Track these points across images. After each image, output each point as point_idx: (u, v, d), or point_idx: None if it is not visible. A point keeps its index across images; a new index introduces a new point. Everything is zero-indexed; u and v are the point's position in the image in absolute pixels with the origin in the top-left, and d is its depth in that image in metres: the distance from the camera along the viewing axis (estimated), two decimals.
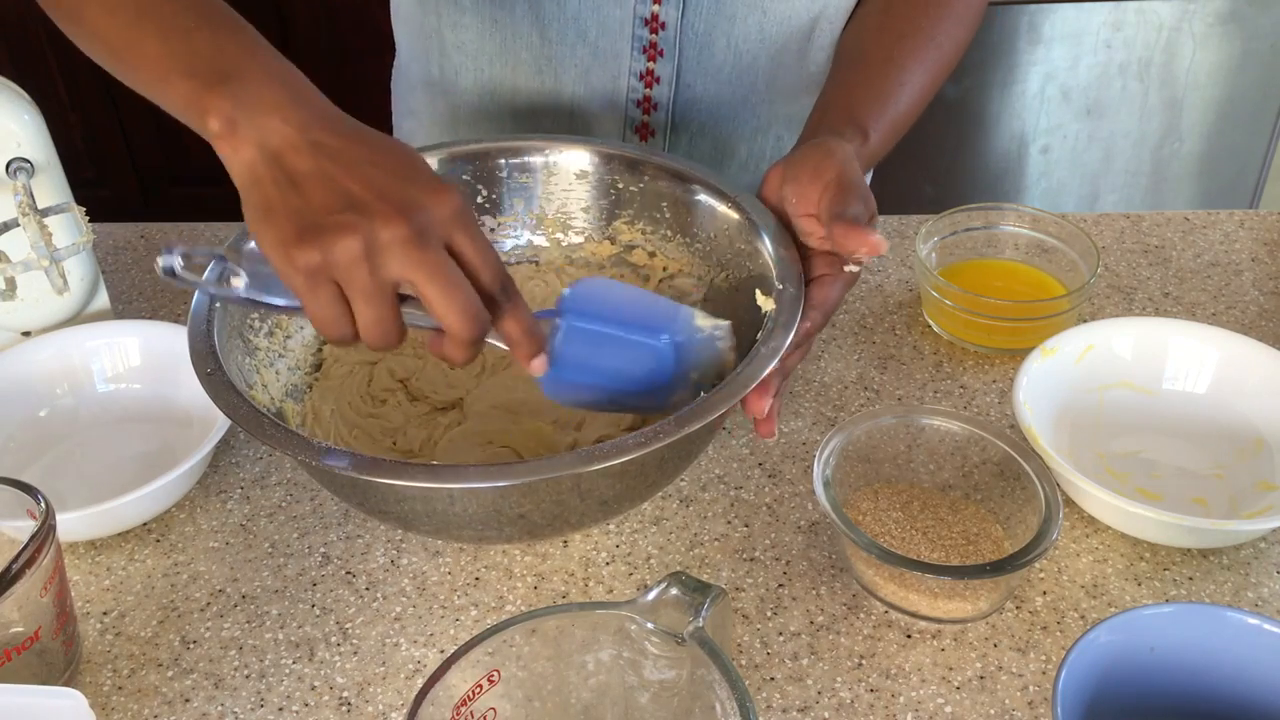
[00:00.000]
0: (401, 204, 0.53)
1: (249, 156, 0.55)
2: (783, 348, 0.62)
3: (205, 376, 0.62)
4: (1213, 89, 1.84)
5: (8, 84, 0.80)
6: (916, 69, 0.78)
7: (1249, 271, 0.92)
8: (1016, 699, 0.61)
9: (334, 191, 0.53)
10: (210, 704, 0.62)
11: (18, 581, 0.57)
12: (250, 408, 0.60)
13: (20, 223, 0.76)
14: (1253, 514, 0.69)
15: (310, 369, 0.75)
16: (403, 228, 0.52)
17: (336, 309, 0.54)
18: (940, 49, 0.80)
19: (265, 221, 0.54)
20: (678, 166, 0.76)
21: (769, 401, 0.63)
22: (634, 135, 0.90)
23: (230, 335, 0.67)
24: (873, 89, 0.76)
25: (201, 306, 0.66)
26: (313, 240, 0.52)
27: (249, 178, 0.55)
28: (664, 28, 0.84)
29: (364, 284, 0.53)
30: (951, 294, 0.83)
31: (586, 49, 0.85)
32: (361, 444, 0.70)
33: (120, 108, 2.14)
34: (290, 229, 0.53)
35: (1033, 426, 0.70)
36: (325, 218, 0.52)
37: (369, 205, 0.53)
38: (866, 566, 0.65)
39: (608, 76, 0.86)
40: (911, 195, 1.90)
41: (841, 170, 0.67)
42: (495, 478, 0.57)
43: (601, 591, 0.68)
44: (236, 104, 0.55)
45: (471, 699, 0.51)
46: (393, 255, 0.52)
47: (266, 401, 0.69)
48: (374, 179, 0.54)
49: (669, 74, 0.86)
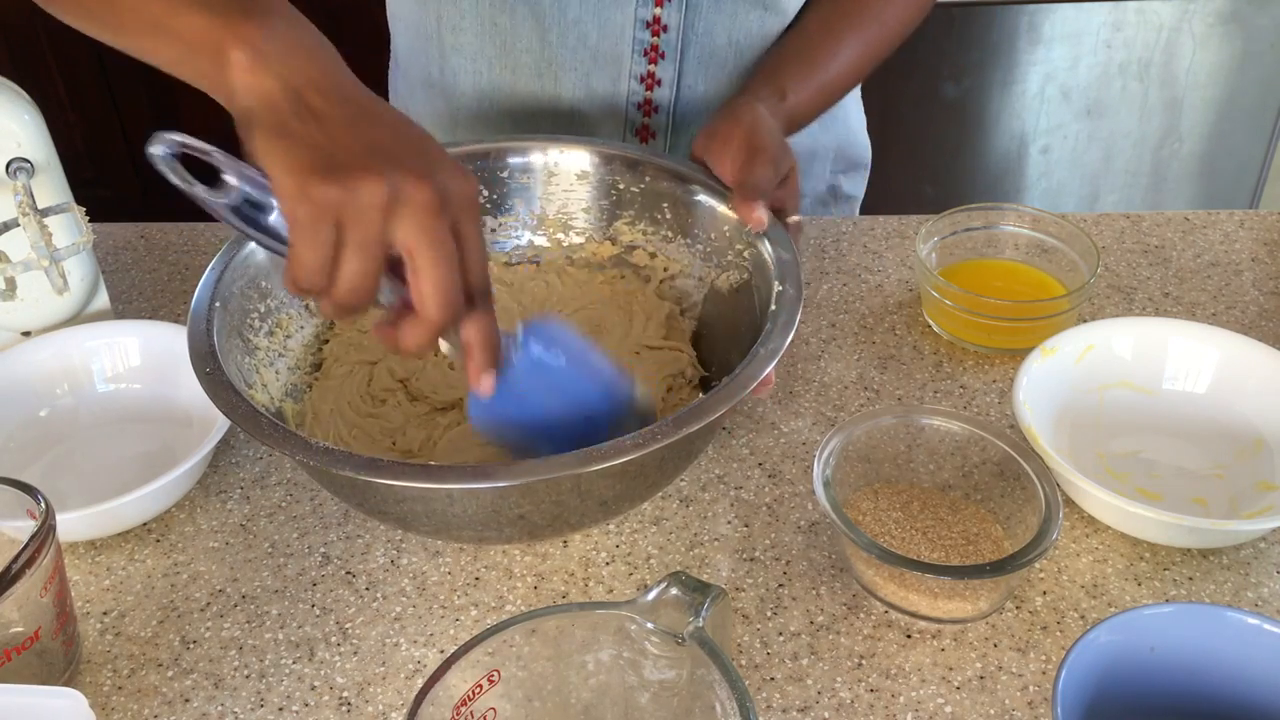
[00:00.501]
0: (427, 168, 0.52)
1: (268, 85, 0.52)
2: (781, 349, 0.62)
3: (204, 376, 0.62)
4: (1213, 89, 1.84)
5: (8, 84, 0.80)
6: (852, 39, 0.81)
7: (1249, 271, 0.92)
8: (1016, 699, 0.61)
9: (359, 137, 0.52)
10: (210, 704, 0.62)
11: (18, 581, 0.57)
12: (249, 407, 0.60)
13: (20, 223, 0.76)
14: (1253, 514, 0.69)
15: (310, 369, 0.75)
16: (427, 191, 0.51)
17: (325, 252, 0.51)
18: (884, 25, 0.83)
19: (280, 142, 0.51)
20: (678, 168, 0.76)
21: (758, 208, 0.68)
22: (634, 137, 0.90)
23: (230, 335, 0.67)
24: (801, 55, 0.80)
25: (201, 306, 0.66)
26: (336, 176, 0.50)
27: (264, 104, 0.52)
28: (665, 30, 0.84)
29: (367, 234, 0.51)
30: (951, 294, 0.83)
31: (587, 52, 0.85)
32: (360, 444, 0.70)
33: (120, 108, 2.14)
34: (310, 158, 0.51)
35: (1033, 426, 0.70)
36: (351, 158, 0.51)
37: (398, 159, 0.51)
38: (866, 566, 0.65)
39: (608, 79, 0.86)
40: (911, 195, 1.90)
41: (748, 135, 0.70)
42: (494, 478, 0.57)
43: (601, 591, 0.68)
44: (267, 36, 0.53)
45: (471, 699, 0.51)
46: (408, 215, 0.51)
47: (266, 401, 0.69)
48: (399, 138, 0.53)
49: (670, 76, 0.86)
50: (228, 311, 0.67)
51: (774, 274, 0.67)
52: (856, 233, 0.97)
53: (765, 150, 0.69)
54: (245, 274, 0.70)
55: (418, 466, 0.59)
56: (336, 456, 0.57)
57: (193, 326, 0.65)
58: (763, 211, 0.68)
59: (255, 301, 0.71)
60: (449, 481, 0.57)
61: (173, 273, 0.95)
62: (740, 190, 0.69)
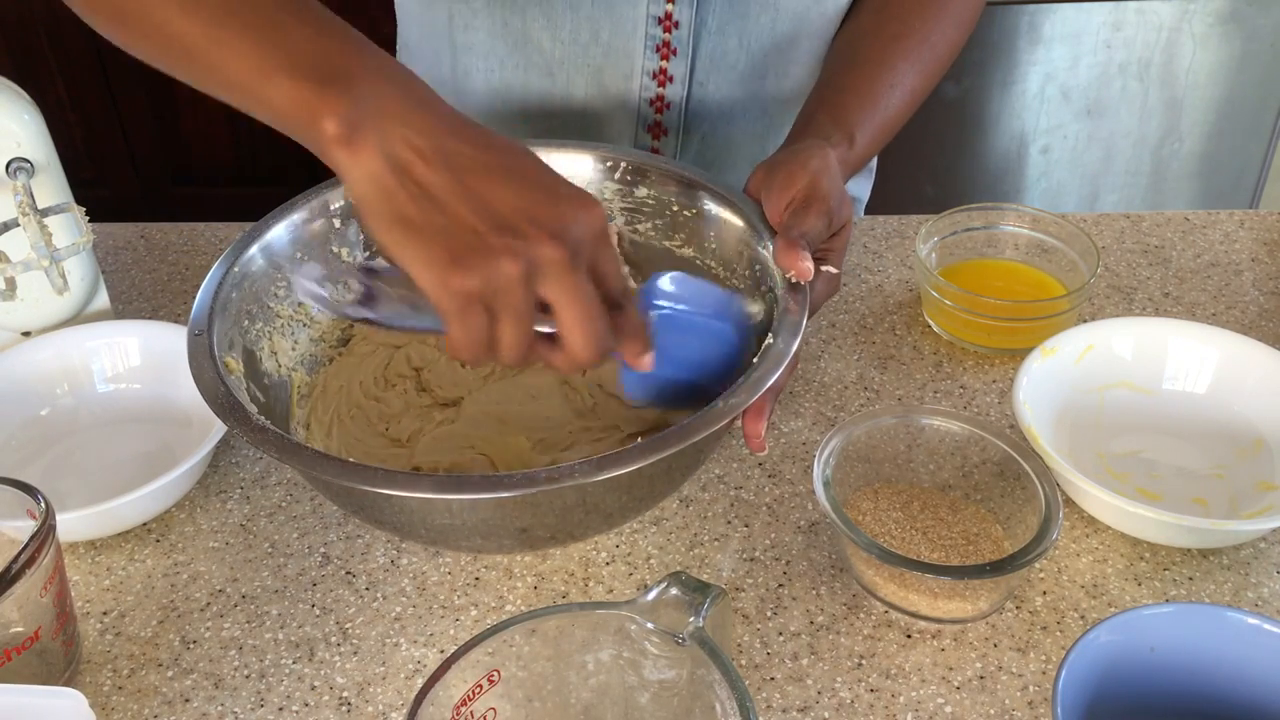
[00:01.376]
0: (554, 225, 0.52)
1: (374, 167, 0.52)
2: (790, 352, 0.62)
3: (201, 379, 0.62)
4: (1213, 89, 1.84)
5: (8, 84, 0.80)
6: (908, 70, 0.79)
7: (1249, 271, 0.92)
8: (1016, 699, 0.61)
9: (479, 210, 0.52)
10: (210, 704, 0.62)
11: (18, 581, 0.57)
12: (242, 410, 0.60)
13: (20, 223, 0.76)
14: (1253, 514, 0.69)
15: (337, 342, 0.75)
16: (559, 251, 0.52)
17: (485, 333, 0.53)
18: (934, 50, 0.81)
19: (408, 240, 0.52)
20: (685, 173, 0.76)
21: (765, 424, 0.63)
22: (646, 134, 0.90)
23: (247, 300, 0.68)
24: (863, 91, 0.77)
25: (202, 312, 0.66)
26: (471, 265, 0.51)
27: (376, 189, 0.52)
28: (677, 26, 0.84)
29: (515, 307, 0.52)
30: (951, 294, 0.83)
31: (599, 49, 0.85)
32: (357, 426, 0.71)
33: (120, 108, 2.14)
34: (442, 251, 0.51)
35: (1033, 426, 0.70)
36: (479, 240, 0.51)
37: (521, 227, 0.52)
38: (866, 566, 0.65)
39: (620, 76, 0.87)
40: (911, 195, 1.90)
41: (813, 182, 0.67)
42: (465, 490, 0.55)
43: (601, 591, 0.68)
44: (354, 105, 0.52)
45: (471, 699, 0.51)
46: (546, 278, 0.52)
47: (273, 369, 0.69)
48: (519, 194, 0.53)
49: (682, 73, 0.86)
50: (246, 283, 0.68)
51: (775, 276, 0.67)
52: (856, 233, 0.97)
53: (823, 201, 0.66)
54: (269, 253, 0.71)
55: (396, 474, 0.58)
56: (328, 465, 0.57)
57: (193, 327, 0.65)
58: (808, 262, 0.64)
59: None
60: (422, 491, 0.55)
61: (173, 273, 0.95)
62: (785, 235, 0.65)
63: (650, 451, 0.56)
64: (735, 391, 0.59)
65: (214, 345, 0.64)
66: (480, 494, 0.55)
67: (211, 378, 0.62)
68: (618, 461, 0.55)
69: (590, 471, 0.55)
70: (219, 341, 0.65)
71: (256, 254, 0.70)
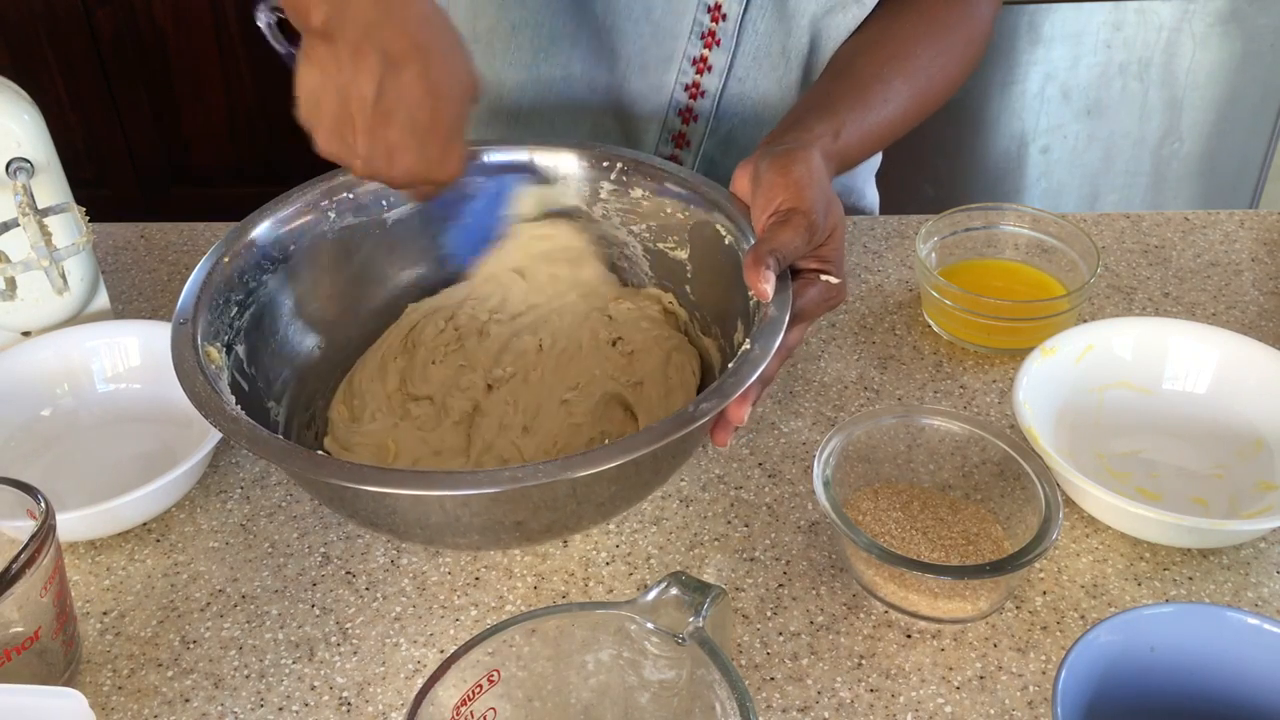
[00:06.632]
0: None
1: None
2: (772, 348, 0.61)
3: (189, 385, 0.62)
4: (1213, 89, 1.84)
5: (8, 84, 0.80)
6: (903, 88, 0.79)
7: (1249, 271, 0.92)
8: (1016, 699, 0.61)
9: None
10: (210, 704, 0.62)
11: (18, 581, 0.57)
12: (225, 411, 0.60)
13: (20, 223, 0.76)
14: (1253, 514, 0.69)
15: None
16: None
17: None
18: (931, 79, 0.81)
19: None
20: (681, 175, 0.76)
21: (749, 409, 0.62)
22: (677, 118, 0.91)
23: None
24: (853, 94, 0.77)
25: (188, 302, 0.66)
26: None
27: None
28: (724, 18, 0.86)
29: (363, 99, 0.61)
30: (951, 294, 0.83)
31: (650, 26, 0.87)
32: (389, 375, 0.75)
33: (120, 108, 2.14)
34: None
35: (1033, 426, 0.70)
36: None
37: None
38: (866, 566, 0.65)
39: (663, 55, 0.88)
40: (911, 195, 1.90)
41: (796, 194, 0.66)
42: (468, 485, 0.55)
43: (601, 591, 0.68)
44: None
45: (471, 699, 0.51)
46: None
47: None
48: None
49: (722, 65, 0.88)
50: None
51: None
52: (856, 233, 0.97)
53: (805, 215, 0.65)
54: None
55: (389, 471, 0.58)
56: (321, 465, 0.57)
57: (176, 332, 0.65)
58: (768, 285, 0.63)
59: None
60: (417, 488, 0.56)
61: (173, 273, 0.95)
62: (755, 251, 0.64)
63: (620, 453, 0.56)
64: (708, 396, 0.59)
65: (197, 335, 0.65)
66: (466, 489, 0.55)
67: (191, 366, 0.62)
68: (590, 461, 0.56)
69: (577, 466, 0.55)
70: (203, 331, 0.65)
71: (245, 246, 0.72)
